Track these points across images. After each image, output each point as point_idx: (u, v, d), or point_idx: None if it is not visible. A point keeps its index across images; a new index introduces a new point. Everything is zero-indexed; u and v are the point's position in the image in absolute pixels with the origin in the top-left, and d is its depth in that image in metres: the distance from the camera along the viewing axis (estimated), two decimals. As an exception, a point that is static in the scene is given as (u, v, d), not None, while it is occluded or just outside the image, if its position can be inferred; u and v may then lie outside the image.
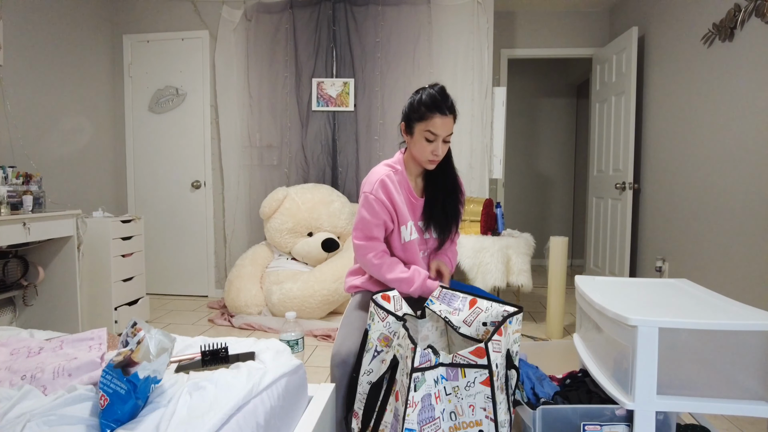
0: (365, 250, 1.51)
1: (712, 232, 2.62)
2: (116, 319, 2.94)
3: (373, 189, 1.49)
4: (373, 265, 1.51)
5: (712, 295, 1.36)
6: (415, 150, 1.50)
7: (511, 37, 4.16)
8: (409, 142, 1.53)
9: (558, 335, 2.83)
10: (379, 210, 1.49)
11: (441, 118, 1.44)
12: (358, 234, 1.53)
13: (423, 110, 1.45)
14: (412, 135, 1.50)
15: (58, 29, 3.28)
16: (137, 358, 0.88)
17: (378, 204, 1.48)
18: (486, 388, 1.11)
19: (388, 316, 1.27)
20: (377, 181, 1.50)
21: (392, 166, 1.57)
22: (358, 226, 1.53)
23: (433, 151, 1.48)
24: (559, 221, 5.44)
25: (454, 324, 1.45)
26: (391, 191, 1.50)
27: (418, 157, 1.51)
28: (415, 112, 1.48)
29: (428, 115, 1.45)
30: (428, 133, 1.45)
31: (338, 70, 3.60)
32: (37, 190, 2.58)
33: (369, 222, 1.50)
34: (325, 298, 2.98)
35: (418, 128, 1.47)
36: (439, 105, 1.45)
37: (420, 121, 1.46)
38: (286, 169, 3.68)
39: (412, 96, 1.52)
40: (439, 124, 1.45)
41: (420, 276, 1.50)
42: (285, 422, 1.11)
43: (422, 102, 1.46)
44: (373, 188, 1.49)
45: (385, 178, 1.51)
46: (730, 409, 1.10)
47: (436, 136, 1.46)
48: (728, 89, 2.50)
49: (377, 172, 1.54)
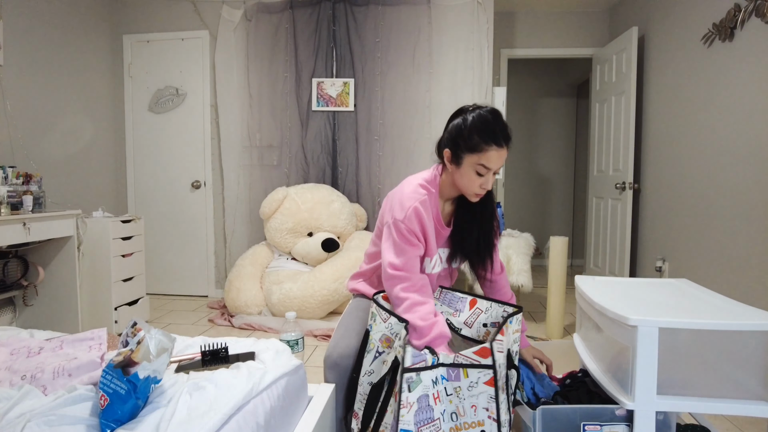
0: (397, 280, 1.31)
1: (712, 232, 2.62)
2: (116, 319, 2.94)
3: (406, 217, 1.31)
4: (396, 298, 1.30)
5: (712, 295, 1.36)
6: (462, 181, 1.34)
7: (511, 37, 4.16)
8: (453, 171, 1.35)
9: (558, 335, 2.83)
10: (411, 239, 1.33)
11: (497, 150, 1.27)
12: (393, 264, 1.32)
13: (476, 140, 1.27)
14: (460, 166, 1.31)
15: (58, 29, 3.28)
16: (137, 358, 0.88)
17: (411, 234, 1.32)
18: (490, 388, 1.11)
19: (390, 317, 1.27)
20: (411, 208, 1.32)
21: (427, 187, 1.38)
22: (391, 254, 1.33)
23: (482, 184, 1.32)
24: (559, 221, 5.44)
25: (456, 326, 1.45)
26: (424, 220, 1.34)
27: (463, 189, 1.36)
28: (465, 140, 1.28)
29: (483, 147, 1.26)
30: (480, 167, 1.28)
31: (338, 70, 3.60)
32: (37, 190, 2.58)
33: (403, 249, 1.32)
34: (325, 298, 2.98)
35: (469, 160, 1.29)
36: (495, 135, 1.26)
37: (472, 152, 1.28)
38: (286, 169, 3.67)
39: (459, 118, 1.33)
40: (494, 158, 1.27)
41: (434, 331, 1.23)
42: (285, 422, 1.11)
43: (476, 129, 1.27)
44: (406, 216, 1.31)
45: (419, 207, 1.33)
46: (730, 409, 1.10)
47: (489, 170, 1.30)
48: (728, 89, 2.50)
49: (410, 195, 1.35)
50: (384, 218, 1.42)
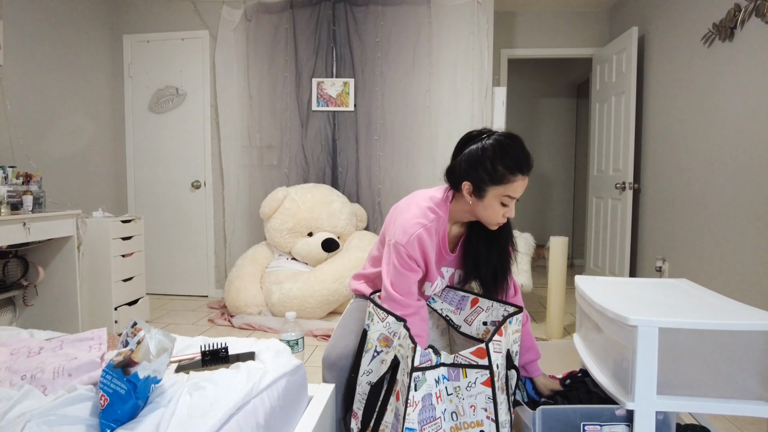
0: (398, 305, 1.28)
1: (712, 232, 2.62)
2: (116, 319, 2.94)
3: (407, 243, 1.27)
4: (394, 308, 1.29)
5: (712, 295, 1.36)
6: (485, 213, 1.27)
7: (511, 37, 4.16)
8: (474, 203, 1.27)
9: (558, 335, 2.83)
10: (412, 265, 1.29)
11: (523, 179, 1.23)
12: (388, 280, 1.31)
13: (501, 171, 1.20)
14: (483, 199, 1.24)
15: (58, 29, 3.28)
16: (137, 358, 0.88)
17: (411, 260, 1.28)
18: (487, 388, 1.11)
19: (387, 316, 1.27)
20: (414, 235, 1.27)
21: (435, 211, 1.31)
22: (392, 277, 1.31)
23: (506, 213, 1.27)
24: (559, 221, 5.44)
25: (455, 323, 1.45)
26: (426, 248, 1.29)
27: (484, 219, 1.30)
28: (489, 172, 1.21)
29: (509, 177, 1.21)
30: (506, 198, 1.23)
31: (338, 70, 3.60)
32: (37, 190, 2.58)
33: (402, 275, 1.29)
34: (325, 298, 2.98)
35: (494, 192, 1.23)
36: (520, 165, 1.21)
37: (497, 184, 1.22)
38: (286, 169, 3.68)
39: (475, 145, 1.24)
40: (520, 187, 1.23)
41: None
42: (285, 422, 1.11)
43: (499, 160, 1.20)
44: (408, 242, 1.27)
45: (423, 233, 1.27)
46: (730, 409, 1.10)
47: (513, 200, 1.25)
48: (728, 89, 2.50)
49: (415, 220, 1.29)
50: (387, 231, 1.39)
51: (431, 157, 3.49)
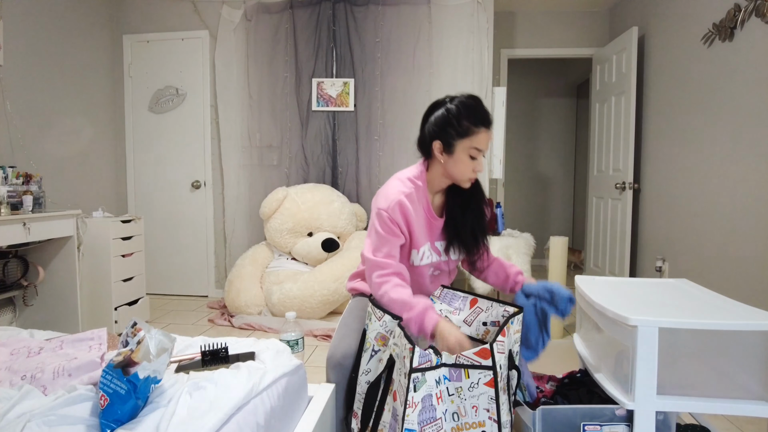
0: (375, 266, 1.34)
1: (712, 232, 2.62)
2: (116, 319, 2.94)
3: (389, 208, 1.35)
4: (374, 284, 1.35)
5: (712, 295, 1.36)
6: (455, 169, 1.37)
7: (511, 37, 4.16)
8: (445, 162, 1.37)
9: (558, 335, 2.83)
10: (394, 229, 1.36)
11: (486, 132, 1.35)
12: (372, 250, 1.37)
13: (467, 125, 1.33)
14: (453, 153, 1.35)
15: (58, 29, 3.28)
16: (137, 358, 0.88)
17: (393, 224, 1.35)
18: (490, 389, 1.11)
19: (384, 315, 1.27)
20: (395, 201, 1.35)
21: (414, 181, 1.42)
22: (372, 243, 1.38)
23: (475, 168, 1.37)
24: (559, 221, 5.44)
25: (455, 324, 1.44)
26: (408, 213, 1.36)
27: (457, 176, 1.39)
28: (455, 127, 1.34)
29: (474, 130, 1.33)
30: (473, 150, 1.34)
31: (338, 70, 3.60)
32: (37, 190, 2.58)
33: (383, 239, 1.36)
34: (325, 298, 2.98)
35: (462, 145, 1.34)
36: (484, 118, 1.35)
37: (464, 137, 1.33)
38: (286, 169, 3.68)
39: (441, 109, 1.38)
40: (484, 139, 1.35)
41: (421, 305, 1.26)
42: (285, 422, 1.11)
43: (464, 115, 1.33)
44: (389, 207, 1.35)
45: (404, 199, 1.36)
46: (730, 409, 1.10)
47: (481, 152, 1.35)
48: (728, 89, 2.50)
49: (395, 188, 1.39)
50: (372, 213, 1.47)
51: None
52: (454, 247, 1.49)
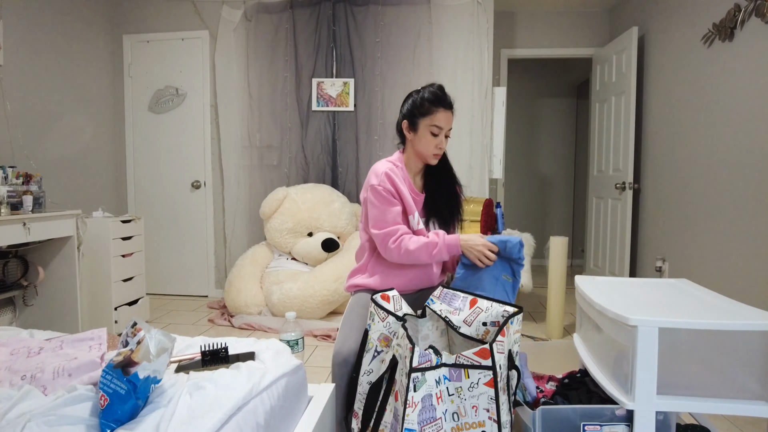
0: (386, 236, 1.51)
1: (712, 232, 2.62)
2: (116, 319, 2.94)
3: (380, 180, 1.53)
4: (392, 249, 1.50)
5: (712, 295, 1.36)
6: (420, 145, 1.57)
7: (511, 37, 4.16)
8: (412, 139, 1.59)
9: (558, 335, 2.83)
10: (389, 197, 1.53)
11: (444, 112, 1.54)
12: (377, 225, 1.53)
13: (427, 105, 1.54)
14: (417, 131, 1.56)
15: (58, 29, 3.28)
16: (137, 358, 0.88)
17: (387, 193, 1.53)
18: (490, 389, 1.11)
19: (388, 316, 1.27)
20: (383, 173, 1.54)
21: (393, 162, 1.62)
22: (374, 219, 1.53)
23: (438, 144, 1.56)
24: (559, 221, 5.44)
25: (455, 324, 1.44)
26: (396, 182, 1.55)
27: (423, 151, 1.58)
28: (419, 108, 1.55)
29: (433, 109, 1.54)
30: (434, 127, 1.54)
31: (338, 70, 3.60)
32: (37, 190, 2.58)
33: (383, 210, 1.52)
34: (325, 298, 2.98)
35: (423, 123, 1.55)
36: (441, 100, 1.55)
37: (425, 116, 1.54)
38: (286, 169, 3.68)
39: (412, 95, 1.60)
40: (443, 118, 1.54)
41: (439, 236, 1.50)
42: (285, 422, 1.11)
43: (426, 98, 1.55)
44: (380, 179, 1.53)
45: (389, 171, 1.55)
46: (730, 409, 1.10)
47: (441, 129, 1.55)
48: (728, 89, 2.50)
49: (380, 167, 1.58)
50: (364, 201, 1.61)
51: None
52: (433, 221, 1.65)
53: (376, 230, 1.53)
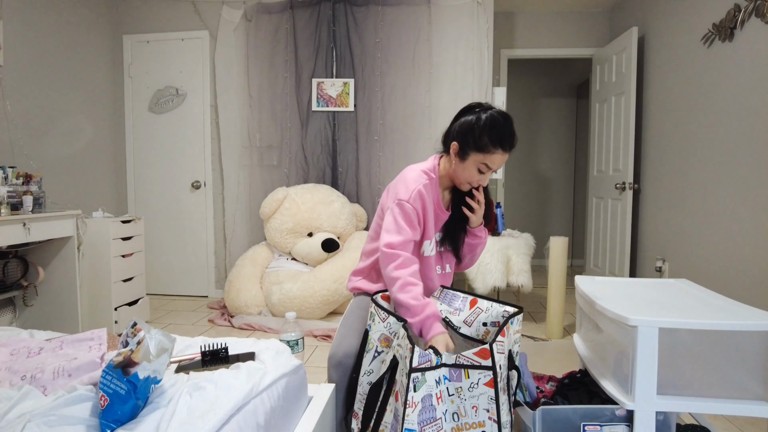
0: (391, 258, 1.35)
1: (712, 232, 2.62)
2: (116, 320, 2.94)
3: (411, 198, 1.39)
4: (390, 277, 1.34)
5: (712, 295, 1.36)
6: (462, 174, 1.42)
7: (511, 37, 4.16)
8: (456, 163, 1.42)
9: (558, 335, 2.83)
10: (414, 220, 1.39)
11: (502, 155, 1.36)
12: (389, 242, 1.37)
13: (486, 142, 1.34)
14: (464, 161, 1.40)
15: (58, 29, 3.28)
16: (137, 359, 0.88)
17: (414, 214, 1.39)
18: (490, 389, 1.11)
19: (388, 316, 1.27)
20: (416, 190, 1.40)
21: (428, 174, 1.47)
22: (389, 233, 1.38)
23: (480, 180, 1.43)
24: (559, 221, 5.44)
25: (455, 324, 1.45)
26: (426, 203, 1.42)
27: (459, 179, 1.44)
28: (475, 140, 1.35)
29: (491, 149, 1.34)
30: (484, 165, 1.38)
31: (338, 70, 3.60)
32: (37, 190, 2.58)
33: (400, 230, 1.38)
34: (325, 299, 2.98)
35: (474, 158, 1.38)
36: (503, 140, 1.34)
37: (479, 152, 1.36)
38: (286, 169, 3.67)
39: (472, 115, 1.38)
40: (498, 160, 1.37)
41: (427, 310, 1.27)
42: (285, 422, 1.11)
43: (486, 130, 1.34)
44: (411, 197, 1.39)
45: (423, 189, 1.41)
46: (730, 409, 1.10)
47: (490, 170, 1.39)
48: (728, 89, 2.50)
49: (414, 179, 1.43)
50: (385, 206, 1.48)
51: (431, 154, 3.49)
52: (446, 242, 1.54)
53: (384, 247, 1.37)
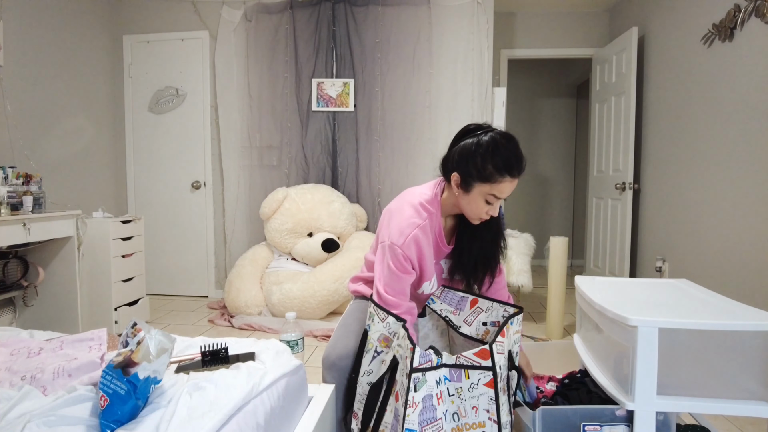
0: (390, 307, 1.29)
1: (712, 232, 2.62)
2: (116, 320, 2.94)
3: (403, 244, 1.27)
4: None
5: (712, 295, 1.36)
6: (468, 207, 1.28)
7: (511, 37, 4.16)
8: (460, 195, 1.28)
9: (558, 335, 2.83)
10: (407, 267, 1.30)
11: (511, 182, 1.21)
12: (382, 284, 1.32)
13: (490, 170, 1.19)
14: (469, 192, 1.25)
15: (58, 29, 3.28)
16: (137, 359, 0.88)
17: (406, 261, 1.29)
18: (490, 389, 1.11)
19: (388, 316, 1.27)
20: (410, 236, 1.28)
21: (427, 208, 1.33)
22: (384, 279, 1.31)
23: (489, 211, 1.27)
24: (559, 221, 5.44)
25: (455, 323, 1.45)
26: (422, 247, 1.30)
27: (468, 213, 1.30)
28: (478, 169, 1.20)
29: (497, 178, 1.19)
30: (491, 196, 1.23)
31: (338, 70, 3.60)
32: (37, 190, 2.58)
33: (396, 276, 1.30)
34: (325, 299, 2.98)
35: (479, 189, 1.23)
36: (510, 167, 1.19)
37: (484, 182, 1.21)
38: (286, 169, 3.67)
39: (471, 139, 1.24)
40: (507, 188, 1.22)
41: None
42: (285, 423, 1.11)
43: (489, 158, 1.19)
44: (404, 243, 1.27)
45: (419, 234, 1.29)
46: (730, 409, 1.10)
47: (499, 200, 1.25)
48: (728, 89, 2.50)
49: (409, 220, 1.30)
50: (381, 234, 1.37)
51: (431, 157, 3.49)
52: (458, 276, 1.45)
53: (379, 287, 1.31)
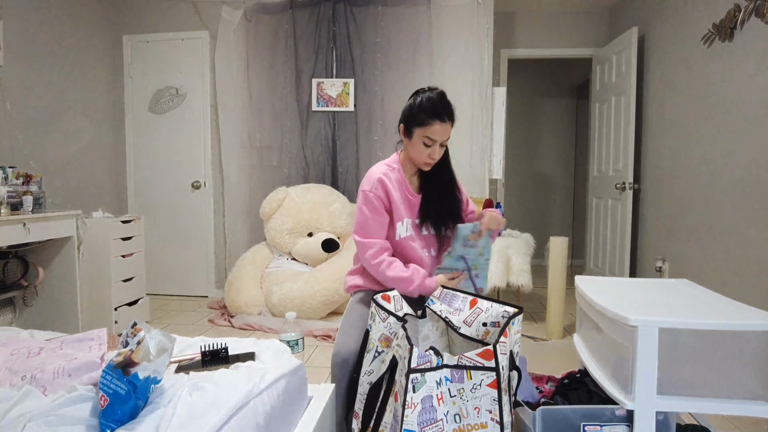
0: (365, 247, 1.51)
1: (712, 232, 2.62)
2: (116, 320, 2.94)
3: (372, 187, 1.52)
4: (371, 265, 1.52)
5: (712, 295, 1.36)
6: (413, 153, 1.54)
7: (511, 37, 4.16)
8: (407, 144, 1.56)
9: (558, 335, 2.83)
10: (378, 206, 1.51)
11: (440, 125, 1.47)
12: (360, 231, 1.54)
13: (423, 116, 1.47)
14: (411, 138, 1.52)
15: (58, 29, 3.28)
16: (137, 359, 0.88)
17: (377, 201, 1.51)
18: (493, 390, 1.11)
19: (389, 316, 1.27)
20: (376, 179, 1.53)
21: (389, 165, 1.60)
22: (359, 224, 1.54)
23: (430, 155, 1.51)
24: (559, 221, 5.44)
25: (455, 324, 1.44)
26: (389, 188, 1.54)
27: (415, 159, 1.55)
28: (414, 117, 1.49)
29: (428, 121, 1.47)
30: (426, 138, 1.48)
31: (338, 70, 3.60)
32: (37, 190, 2.58)
33: (369, 219, 1.52)
34: (325, 299, 2.98)
35: (417, 133, 1.49)
36: (438, 112, 1.47)
37: (419, 126, 1.48)
38: (286, 169, 3.67)
39: (412, 98, 1.54)
40: (438, 131, 1.47)
41: (419, 275, 1.50)
42: (285, 422, 1.11)
43: (422, 107, 1.48)
44: (372, 186, 1.52)
45: (383, 177, 1.54)
46: (730, 409, 1.10)
47: (434, 142, 1.49)
48: (728, 89, 2.50)
49: (375, 170, 1.57)
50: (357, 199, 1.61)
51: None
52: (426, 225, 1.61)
53: (357, 236, 1.54)
